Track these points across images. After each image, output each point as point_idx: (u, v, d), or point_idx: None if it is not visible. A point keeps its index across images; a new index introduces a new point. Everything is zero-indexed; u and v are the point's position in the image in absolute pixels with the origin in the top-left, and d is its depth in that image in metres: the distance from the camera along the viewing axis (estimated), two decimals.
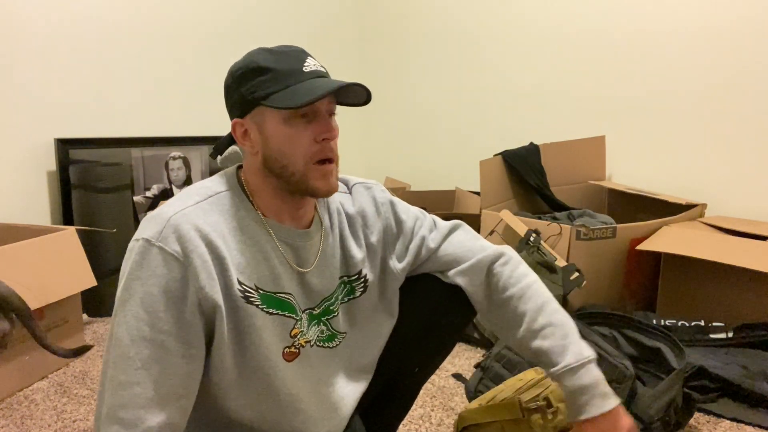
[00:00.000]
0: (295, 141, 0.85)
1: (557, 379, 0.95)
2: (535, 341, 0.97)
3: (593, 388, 0.93)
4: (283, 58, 0.86)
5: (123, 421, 0.78)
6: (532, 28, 2.80)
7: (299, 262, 0.93)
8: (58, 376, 1.77)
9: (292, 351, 0.93)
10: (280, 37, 3.03)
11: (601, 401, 0.92)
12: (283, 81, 0.84)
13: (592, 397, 0.93)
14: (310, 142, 0.86)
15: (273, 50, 0.87)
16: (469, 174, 2.81)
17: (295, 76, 0.84)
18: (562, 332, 0.97)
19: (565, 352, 0.95)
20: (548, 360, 0.96)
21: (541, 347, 0.96)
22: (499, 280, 1.01)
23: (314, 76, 0.86)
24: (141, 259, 0.80)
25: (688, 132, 2.39)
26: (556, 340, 0.96)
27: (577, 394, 0.93)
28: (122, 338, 0.79)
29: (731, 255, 1.76)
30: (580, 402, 0.93)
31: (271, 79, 0.84)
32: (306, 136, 0.85)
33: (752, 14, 2.19)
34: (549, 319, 0.98)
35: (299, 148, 0.85)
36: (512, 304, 1.00)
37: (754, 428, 1.45)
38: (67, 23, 2.31)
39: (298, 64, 0.86)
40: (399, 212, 1.05)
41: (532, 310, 0.98)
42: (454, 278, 1.03)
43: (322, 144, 0.86)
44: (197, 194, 0.88)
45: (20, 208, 2.23)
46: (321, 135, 0.86)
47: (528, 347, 0.98)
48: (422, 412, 1.52)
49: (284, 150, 0.86)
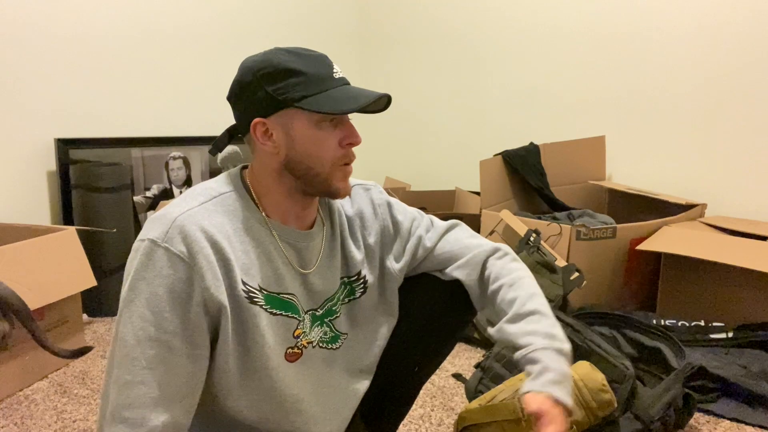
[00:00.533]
0: (324, 144, 0.88)
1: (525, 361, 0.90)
2: (519, 324, 0.94)
3: (556, 371, 0.87)
4: (311, 62, 0.87)
5: (128, 420, 0.78)
6: (532, 28, 2.80)
7: (302, 263, 0.94)
8: (58, 376, 1.77)
9: (295, 352, 0.94)
10: (280, 38, 3.04)
11: (554, 385, 0.86)
12: (317, 85, 0.85)
13: (554, 376, 0.87)
14: (336, 146, 0.89)
15: (299, 53, 0.87)
16: (469, 174, 2.81)
17: (327, 82, 0.86)
18: (548, 321, 0.94)
19: (546, 336, 0.91)
20: (526, 341, 0.91)
21: (523, 329, 0.93)
22: (492, 272, 1.02)
23: (342, 83, 0.89)
24: (147, 259, 0.80)
25: (688, 132, 2.39)
26: (541, 327, 0.93)
27: (537, 368, 0.88)
28: (127, 338, 0.80)
29: (731, 255, 1.76)
30: (535, 374, 0.88)
31: (305, 82, 0.85)
32: (333, 140, 0.88)
33: (752, 14, 2.19)
34: (536, 308, 0.95)
35: (327, 152, 0.88)
36: (502, 291, 0.99)
37: (754, 428, 1.45)
38: (67, 23, 2.31)
39: (328, 70, 0.88)
40: (396, 213, 1.06)
41: (522, 297, 0.97)
42: (452, 273, 1.04)
43: (346, 149, 0.89)
44: (202, 195, 0.88)
45: (20, 208, 2.23)
46: (347, 140, 0.89)
47: (509, 330, 0.94)
48: (422, 412, 1.52)
49: (311, 152, 0.88)
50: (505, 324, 0.95)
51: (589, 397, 1.23)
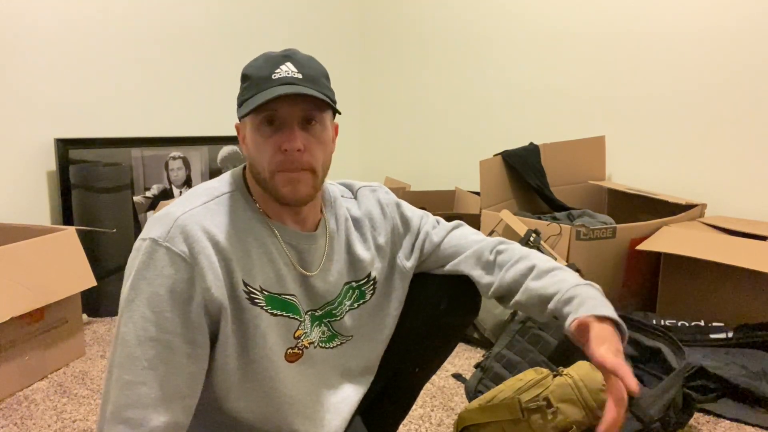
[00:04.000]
0: (261, 149, 0.86)
1: (560, 304, 0.90)
2: (544, 279, 0.95)
3: (594, 299, 0.88)
4: (261, 65, 0.87)
5: (129, 420, 0.78)
6: (532, 27, 2.80)
7: (303, 264, 0.94)
8: (58, 376, 1.77)
9: (295, 352, 0.94)
10: (280, 38, 3.04)
11: (595, 308, 0.86)
12: (254, 88, 0.85)
13: (593, 302, 0.87)
14: (273, 151, 0.85)
15: (264, 55, 0.89)
16: (469, 174, 2.81)
17: (264, 83, 0.84)
18: (571, 273, 0.96)
19: (574, 280, 0.93)
20: (555, 288, 0.92)
21: (550, 281, 0.94)
22: (502, 255, 1.02)
23: (280, 83, 0.84)
24: (148, 259, 0.80)
25: (688, 132, 2.39)
26: (567, 275, 0.95)
27: (575, 302, 0.88)
28: (128, 338, 0.80)
29: (731, 255, 1.76)
30: (578, 304, 0.87)
31: (248, 87, 0.86)
32: (270, 144, 0.85)
33: (752, 14, 2.19)
34: (556, 265, 0.98)
35: (264, 156, 0.86)
36: (518, 264, 0.99)
37: (754, 428, 1.45)
38: (67, 23, 2.31)
39: (270, 70, 0.85)
40: (404, 211, 1.07)
41: (540, 263, 0.98)
42: (458, 267, 1.04)
43: (285, 154, 0.84)
44: (204, 195, 0.88)
45: (20, 208, 2.23)
46: (282, 145, 0.84)
47: (535, 286, 0.95)
48: (422, 412, 1.52)
49: (254, 157, 0.88)
50: (530, 282, 0.96)
51: (589, 397, 1.23)
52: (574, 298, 0.89)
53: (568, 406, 1.23)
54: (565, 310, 0.89)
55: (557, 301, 0.91)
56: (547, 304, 0.93)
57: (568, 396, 1.23)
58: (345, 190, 1.05)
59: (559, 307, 0.90)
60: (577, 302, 0.88)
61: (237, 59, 0.93)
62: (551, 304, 0.92)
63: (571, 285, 0.91)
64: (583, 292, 0.90)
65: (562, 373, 1.28)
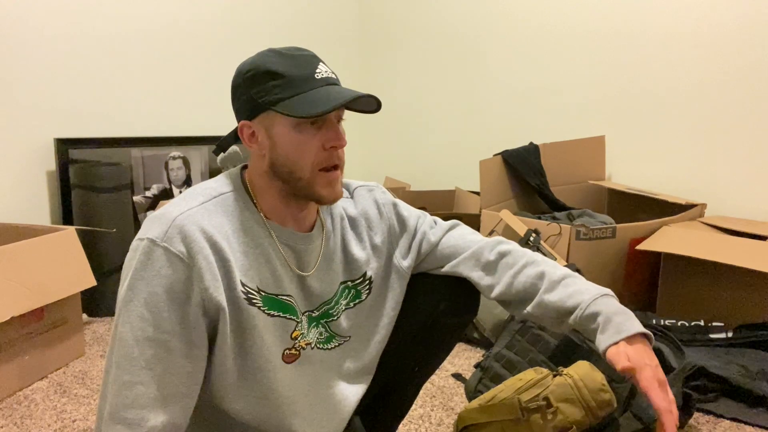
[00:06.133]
0: (304, 148, 0.85)
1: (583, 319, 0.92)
2: (558, 290, 0.96)
3: (617, 312, 0.91)
4: (295, 63, 0.85)
5: (126, 420, 0.78)
6: (531, 27, 2.80)
7: (300, 265, 0.94)
8: (57, 376, 1.77)
9: (293, 353, 0.94)
10: (280, 38, 3.04)
11: (623, 325, 0.89)
12: (296, 87, 0.83)
13: (619, 318, 0.90)
14: (318, 150, 0.86)
15: (285, 53, 0.87)
16: (469, 174, 2.81)
17: (308, 83, 0.84)
18: (581, 280, 0.98)
19: (590, 290, 0.95)
20: (574, 302, 0.93)
21: (565, 293, 0.95)
22: (507, 257, 1.02)
23: (325, 83, 0.85)
24: (145, 258, 0.80)
25: (688, 132, 2.39)
26: (580, 284, 0.97)
27: (601, 319, 0.91)
28: (126, 338, 0.80)
29: (731, 255, 1.76)
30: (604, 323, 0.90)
31: (283, 85, 0.84)
32: (315, 144, 0.85)
33: (752, 14, 2.19)
34: (565, 272, 0.99)
35: (307, 155, 0.85)
36: (526, 270, 1.00)
37: (754, 428, 1.45)
38: (67, 23, 2.31)
39: (309, 70, 0.85)
40: (401, 211, 1.07)
41: (548, 269, 0.99)
42: (456, 269, 1.04)
43: (330, 152, 0.86)
44: (202, 195, 0.88)
45: (20, 208, 2.23)
46: (329, 143, 0.86)
47: (552, 299, 0.96)
48: (422, 412, 1.52)
49: (292, 156, 0.86)
50: (545, 295, 0.97)
51: (588, 397, 1.23)
52: (598, 315, 0.91)
53: (568, 405, 1.23)
54: (591, 327, 0.92)
55: (578, 317, 0.93)
56: (567, 317, 0.95)
57: (568, 396, 1.23)
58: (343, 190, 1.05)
59: (582, 323, 0.93)
60: (602, 320, 0.90)
61: (237, 59, 0.92)
62: (571, 318, 0.94)
63: (591, 297, 0.93)
64: (605, 307, 0.92)
65: (561, 372, 1.28)
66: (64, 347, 1.83)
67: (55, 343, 1.79)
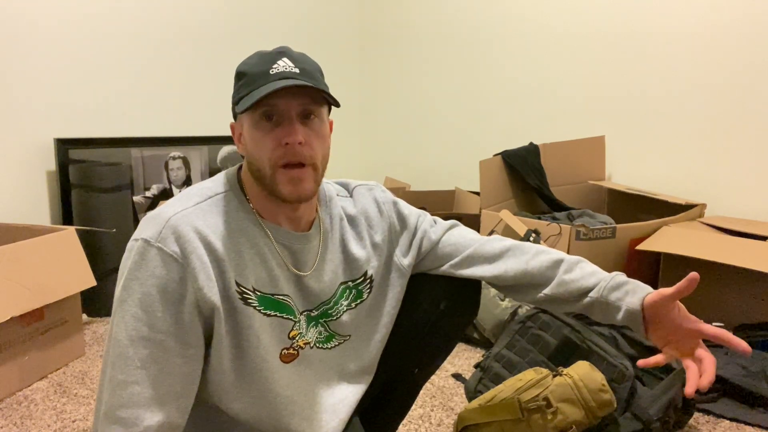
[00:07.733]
0: (261, 144, 0.85)
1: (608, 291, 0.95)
2: (576, 271, 0.99)
3: (636, 283, 0.96)
4: (258, 62, 0.86)
5: (122, 420, 0.78)
6: (531, 27, 2.80)
7: (297, 265, 0.93)
8: (57, 376, 1.77)
9: (291, 353, 0.93)
10: (280, 38, 3.04)
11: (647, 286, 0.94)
12: (251, 85, 0.85)
13: (646, 286, 0.95)
14: (274, 146, 0.84)
15: (259, 53, 0.89)
16: (469, 174, 2.81)
17: (262, 78, 0.84)
18: (596, 267, 1.02)
19: (606, 272, 0.99)
20: (595, 279, 0.97)
21: (584, 272, 0.99)
22: (514, 248, 1.04)
23: (278, 77, 0.83)
24: (140, 259, 0.80)
25: (688, 132, 2.39)
26: (596, 267, 1.00)
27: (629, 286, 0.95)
28: (121, 338, 0.80)
29: (731, 255, 1.75)
30: (634, 287, 0.94)
31: (244, 84, 0.86)
32: (270, 140, 0.85)
33: (752, 14, 2.19)
34: (579, 258, 1.03)
35: (264, 152, 0.85)
36: (541, 256, 1.02)
37: (754, 428, 1.45)
38: (67, 23, 2.31)
39: (267, 66, 0.85)
40: (402, 209, 1.07)
41: (564, 256, 1.02)
42: (458, 268, 1.04)
43: (287, 148, 0.84)
44: (197, 195, 0.88)
45: (20, 208, 2.23)
46: (283, 138, 0.84)
47: (572, 278, 0.99)
48: (422, 412, 1.52)
49: (255, 153, 0.86)
50: (566, 275, 0.99)
51: (588, 397, 1.23)
52: (626, 282, 0.95)
53: (568, 405, 1.23)
54: (615, 295, 0.94)
55: (602, 288, 0.95)
56: (585, 295, 0.97)
57: (568, 396, 1.23)
58: (341, 189, 1.05)
59: (605, 294, 0.95)
60: (632, 286, 0.94)
61: (237, 59, 0.92)
62: (593, 292, 0.96)
63: (612, 274, 0.98)
64: (627, 279, 0.96)
65: (561, 373, 1.28)
66: (64, 347, 1.83)
67: (55, 343, 1.79)
